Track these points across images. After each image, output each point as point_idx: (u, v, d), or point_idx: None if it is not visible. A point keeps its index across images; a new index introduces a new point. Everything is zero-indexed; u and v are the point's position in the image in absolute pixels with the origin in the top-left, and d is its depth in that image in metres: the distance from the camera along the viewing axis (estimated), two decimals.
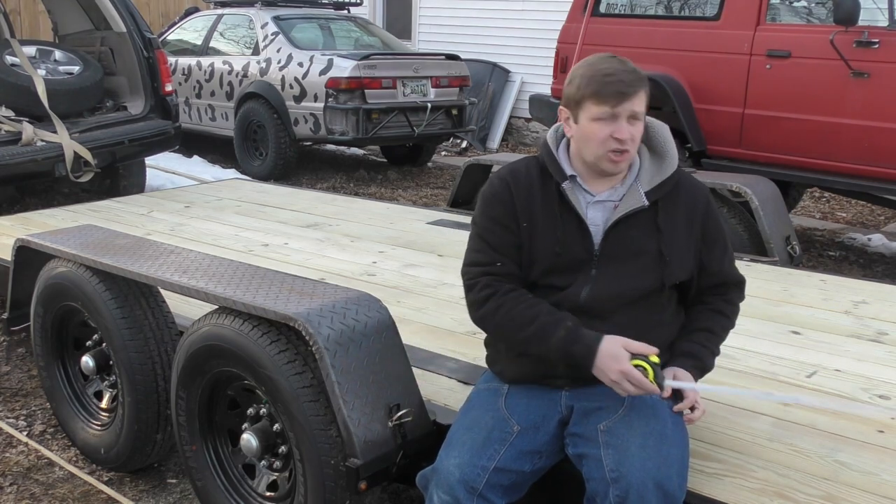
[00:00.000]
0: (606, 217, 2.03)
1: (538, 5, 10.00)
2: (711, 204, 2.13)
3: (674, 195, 2.05)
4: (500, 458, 1.92)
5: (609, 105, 1.92)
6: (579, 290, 2.01)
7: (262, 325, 2.23)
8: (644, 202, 2.01)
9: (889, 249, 6.17)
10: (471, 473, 1.89)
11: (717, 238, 2.12)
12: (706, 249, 2.10)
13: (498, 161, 4.95)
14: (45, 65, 6.14)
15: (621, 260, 2.01)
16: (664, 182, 2.04)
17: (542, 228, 2.03)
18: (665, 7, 6.28)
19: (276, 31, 8.31)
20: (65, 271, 2.83)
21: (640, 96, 1.95)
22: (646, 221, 2.02)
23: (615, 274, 2.01)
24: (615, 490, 1.81)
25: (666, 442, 1.89)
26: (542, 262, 2.03)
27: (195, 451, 2.51)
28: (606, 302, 2.00)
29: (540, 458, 1.99)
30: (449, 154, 9.95)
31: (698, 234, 2.08)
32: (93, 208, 4.81)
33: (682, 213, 2.05)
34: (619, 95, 1.92)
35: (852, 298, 3.40)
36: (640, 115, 1.96)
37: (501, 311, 2.00)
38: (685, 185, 2.09)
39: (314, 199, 5.17)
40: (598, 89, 1.93)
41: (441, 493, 1.90)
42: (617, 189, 2.04)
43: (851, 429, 2.29)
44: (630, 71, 1.96)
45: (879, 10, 5.11)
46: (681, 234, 2.04)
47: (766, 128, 5.50)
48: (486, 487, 1.89)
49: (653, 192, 2.03)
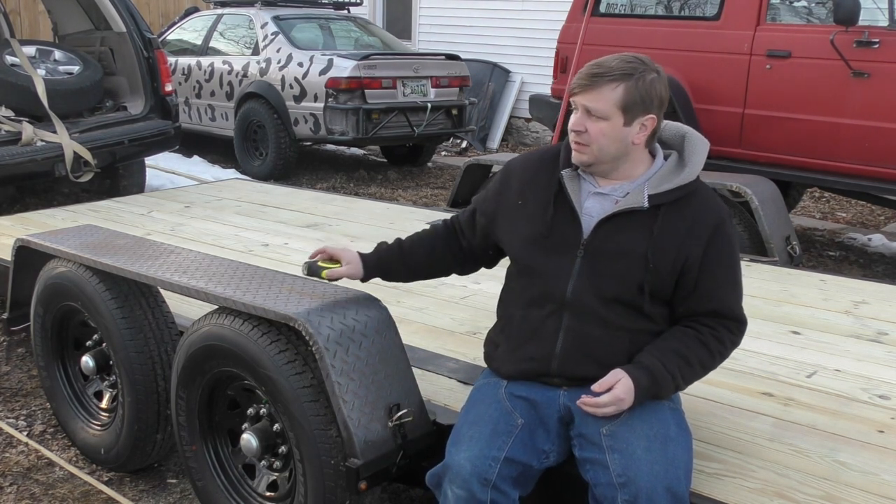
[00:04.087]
0: (603, 209, 2.02)
1: (538, 5, 10.00)
2: (726, 228, 2.02)
3: (682, 206, 2.00)
4: (508, 448, 1.93)
5: (571, 94, 2.02)
6: (565, 283, 2.01)
7: (262, 325, 2.23)
8: (644, 203, 1.99)
9: (889, 249, 6.17)
10: (482, 465, 1.89)
11: (721, 263, 2.01)
12: (705, 269, 1.99)
13: (498, 161, 4.96)
14: (44, 65, 6.14)
15: (607, 256, 2.00)
16: (673, 189, 2.00)
17: (534, 208, 2.07)
18: (665, 7, 6.28)
19: (275, 31, 8.31)
20: (65, 271, 2.83)
21: (599, 92, 1.94)
22: (642, 224, 2.00)
23: (599, 269, 2.00)
24: (623, 495, 1.81)
25: (671, 443, 1.89)
26: (527, 241, 2.07)
27: (195, 451, 2.51)
28: (592, 298, 1.99)
29: (547, 458, 1.99)
30: (449, 154, 9.95)
31: (696, 250, 1.98)
32: (93, 208, 4.81)
33: (684, 226, 1.99)
34: (575, 86, 1.99)
35: (852, 298, 3.40)
36: (595, 112, 1.95)
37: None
38: (701, 201, 2.03)
39: (314, 199, 5.17)
40: (574, 78, 2.02)
41: (455, 489, 1.90)
42: (624, 185, 2.04)
43: (851, 429, 2.29)
44: (607, 66, 1.95)
45: (879, 10, 5.11)
46: (675, 246, 1.98)
47: (766, 128, 5.50)
48: (499, 479, 1.89)
49: (657, 196, 2.00)
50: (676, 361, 1.96)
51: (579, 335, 2.00)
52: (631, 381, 1.92)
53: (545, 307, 2.04)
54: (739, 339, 2.06)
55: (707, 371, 2.04)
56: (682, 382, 1.99)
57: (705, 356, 2.00)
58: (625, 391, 1.91)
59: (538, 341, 2.04)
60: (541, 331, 2.04)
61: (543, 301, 2.04)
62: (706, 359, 2.00)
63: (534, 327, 2.05)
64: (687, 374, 1.99)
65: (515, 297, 2.12)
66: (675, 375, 1.96)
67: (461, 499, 1.89)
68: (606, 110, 1.95)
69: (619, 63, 1.96)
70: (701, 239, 1.99)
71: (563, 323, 2.01)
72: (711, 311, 2.02)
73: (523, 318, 2.07)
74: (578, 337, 2.00)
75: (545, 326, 2.03)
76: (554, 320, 2.02)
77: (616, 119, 1.96)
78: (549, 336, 2.02)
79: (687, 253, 1.98)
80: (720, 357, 2.03)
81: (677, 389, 2.00)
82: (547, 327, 2.03)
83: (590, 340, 2.00)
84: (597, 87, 1.95)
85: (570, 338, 2.00)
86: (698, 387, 2.47)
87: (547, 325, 2.03)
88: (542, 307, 2.04)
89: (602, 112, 1.95)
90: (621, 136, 1.98)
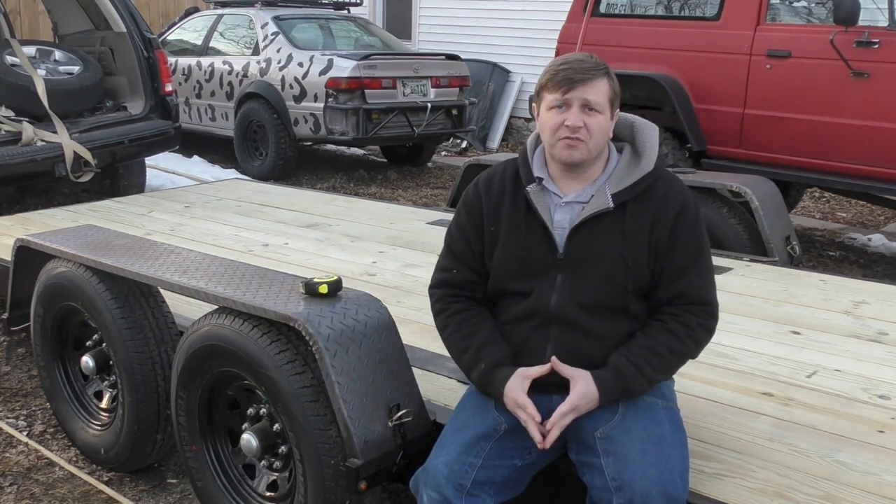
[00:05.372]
0: (572, 219, 2.00)
1: (538, 5, 10.00)
2: (688, 211, 1.99)
3: (646, 198, 1.99)
4: (485, 454, 1.93)
5: (560, 92, 1.94)
6: (548, 297, 1.99)
7: (262, 325, 2.23)
8: (609, 204, 1.97)
9: (889, 249, 6.17)
10: (458, 471, 1.90)
11: (687, 245, 1.98)
12: (669, 254, 1.96)
13: (498, 161, 4.95)
14: (45, 65, 6.14)
15: (586, 264, 1.98)
16: (634, 184, 1.99)
17: (507, 233, 2.04)
18: (665, 7, 6.28)
19: (276, 31, 8.31)
20: (65, 271, 2.83)
21: (595, 85, 1.94)
22: (611, 225, 1.98)
23: (580, 279, 1.98)
24: (619, 499, 1.81)
25: (665, 445, 1.89)
26: (507, 267, 2.04)
27: (195, 451, 2.51)
28: (575, 309, 1.98)
29: (530, 454, 1.98)
30: (449, 154, 9.95)
31: (662, 237, 1.96)
32: (93, 208, 4.81)
33: (651, 217, 1.97)
34: (568, 82, 1.93)
35: (852, 298, 3.40)
36: (595, 105, 1.94)
37: (445, 333, 2.11)
38: (663, 188, 2.00)
39: (314, 199, 5.17)
40: (552, 77, 1.96)
41: (430, 492, 1.90)
42: (586, 190, 2.02)
43: (851, 429, 2.29)
44: (587, 61, 1.96)
45: (879, 10, 5.11)
46: (645, 238, 1.97)
47: (766, 128, 5.50)
48: (475, 485, 1.89)
49: (620, 193, 1.98)
50: (642, 353, 1.94)
51: (567, 345, 2.00)
52: (589, 385, 1.91)
53: (531, 322, 2.03)
54: (712, 322, 2.01)
55: (683, 358, 1.99)
56: (654, 373, 1.95)
57: (674, 342, 1.96)
58: (580, 397, 1.91)
59: (527, 354, 2.03)
60: (529, 344, 2.03)
61: (529, 317, 2.03)
62: (675, 344, 1.96)
63: (521, 342, 2.04)
64: (657, 364, 1.95)
65: (499, 314, 2.10)
66: (642, 366, 1.93)
67: (435, 502, 1.89)
68: (602, 103, 1.95)
69: (591, 58, 1.97)
70: (666, 225, 1.97)
71: (550, 335, 2.01)
72: (678, 294, 1.98)
73: (510, 335, 2.06)
74: (566, 347, 1.99)
75: (533, 339, 2.02)
76: (541, 333, 2.02)
77: (607, 112, 1.97)
78: (537, 348, 2.02)
79: (656, 241, 1.97)
80: (693, 341, 1.98)
81: (651, 382, 1.96)
82: (534, 341, 2.02)
83: (578, 350, 1.99)
84: (594, 80, 1.94)
85: (559, 348, 2.00)
86: (698, 387, 2.48)
87: (534, 338, 2.02)
88: (527, 322, 2.03)
89: (600, 105, 1.95)
90: (608, 130, 2.00)
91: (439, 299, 2.14)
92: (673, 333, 1.96)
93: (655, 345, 1.95)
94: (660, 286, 1.99)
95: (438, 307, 2.14)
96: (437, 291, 2.15)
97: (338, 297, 2.25)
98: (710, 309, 2.01)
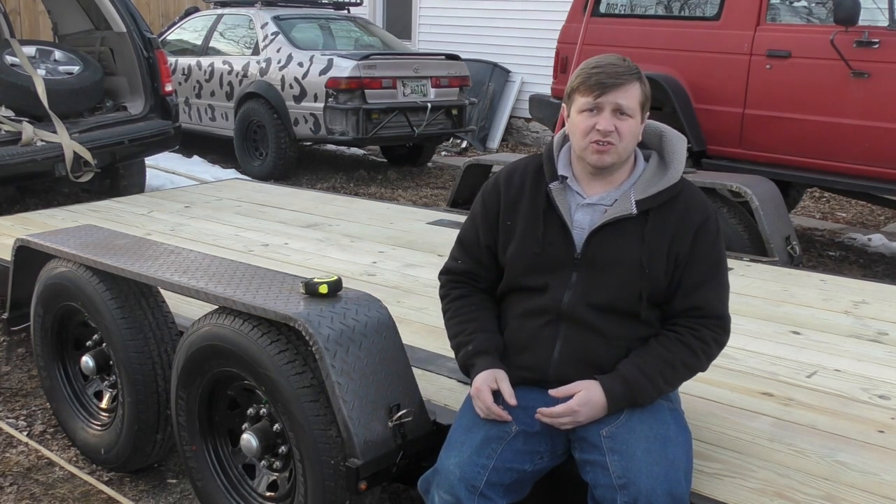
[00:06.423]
0: (593, 220, 2.01)
1: (538, 5, 10.00)
2: (710, 226, 2.01)
3: (669, 208, 2.00)
4: (498, 456, 1.93)
5: (592, 95, 1.94)
6: (561, 294, 2.00)
7: (262, 325, 2.23)
8: (632, 210, 1.98)
9: (889, 249, 6.17)
10: (471, 472, 1.89)
11: (704, 260, 1.99)
12: (688, 267, 1.98)
13: (498, 161, 4.96)
14: (44, 65, 6.14)
15: (603, 267, 1.99)
16: (659, 193, 2.00)
17: (523, 227, 2.05)
18: (665, 7, 6.28)
19: (276, 31, 8.31)
20: (65, 271, 2.83)
21: (627, 90, 1.94)
22: (633, 230, 1.99)
23: (595, 280, 1.99)
24: (623, 497, 1.81)
25: (671, 445, 1.89)
26: (521, 261, 2.04)
27: (195, 451, 2.51)
28: (587, 309, 1.98)
29: (541, 459, 1.99)
30: (449, 154, 9.95)
31: (682, 250, 1.97)
32: (93, 208, 4.81)
33: (672, 228, 1.99)
34: (600, 86, 1.93)
35: (852, 298, 3.40)
36: (627, 110, 1.94)
37: (446, 316, 2.18)
38: (686, 201, 2.02)
39: (314, 199, 5.17)
40: (584, 80, 1.96)
41: (442, 493, 1.90)
42: (610, 193, 2.02)
43: (851, 429, 2.29)
44: (620, 65, 1.95)
45: (879, 10, 5.11)
46: (665, 248, 1.98)
47: (766, 128, 5.50)
48: (487, 486, 1.89)
49: (645, 201, 1.99)
50: (656, 364, 1.94)
51: (576, 343, 2.00)
52: (593, 393, 1.91)
53: (542, 318, 2.03)
54: (725, 337, 2.03)
55: (693, 371, 2.01)
56: (665, 385, 1.96)
57: (688, 356, 1.97)
58: (580, 403, 1.91)
59: (535, 350, 2.03)
60: (537, 339, 2.03)
61: (540, 312, 2.03)
62: (690, 359, 1.97)
63: (530, 336, 2.04)
64: (670, 377, 1.96)
65: (511, 308, 2.11)
66: (655, 379, 1.93)
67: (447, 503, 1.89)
68: (634, 107, 1.96)
69: (624, 62, 1.97)
70: (687, 238, 1.98)
71: (560, 332, 2.01)
72: (693, 307, 1.99)
73: (520, 328, 2.07)
74: (575, 345, 2.00)
75: (542, 335, 2.03)
76: (551, 329, 2.02)
77: (638, 117, 1.97)
78: (546, 344, 2.02)
79: (675, 253, 1.98)
80: (705, 356, 2.00)
81: (660, 393, 1.96)
82: (544, 336, 2.02)
83: (587, 349, 1.99)
84: (626, 84, 1.94)
85: (568, 346, 2.00)
86: (698, 387, 2.48)
87: (544, 334, 2.02)
88: (538, 318, 2.04)
89: (632, 110, 1.95)
90: (638, 134, 2.01)
91: (443, 285, 2.23)
92: (689, 347, 1.97)
93: (672, 357, 1.96)
94: (676, 297, 2.00)
95: (442, 292, 2.22)
96: (442, 277, 2.24)
97: (338, 297, 2.25)
98: (724, 324, 2.03)
